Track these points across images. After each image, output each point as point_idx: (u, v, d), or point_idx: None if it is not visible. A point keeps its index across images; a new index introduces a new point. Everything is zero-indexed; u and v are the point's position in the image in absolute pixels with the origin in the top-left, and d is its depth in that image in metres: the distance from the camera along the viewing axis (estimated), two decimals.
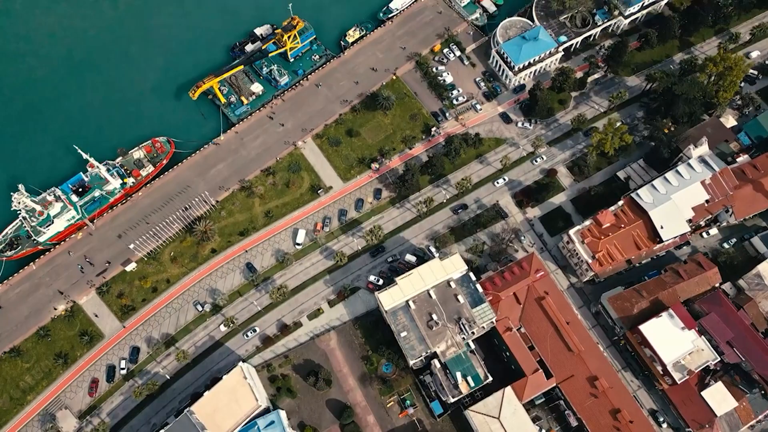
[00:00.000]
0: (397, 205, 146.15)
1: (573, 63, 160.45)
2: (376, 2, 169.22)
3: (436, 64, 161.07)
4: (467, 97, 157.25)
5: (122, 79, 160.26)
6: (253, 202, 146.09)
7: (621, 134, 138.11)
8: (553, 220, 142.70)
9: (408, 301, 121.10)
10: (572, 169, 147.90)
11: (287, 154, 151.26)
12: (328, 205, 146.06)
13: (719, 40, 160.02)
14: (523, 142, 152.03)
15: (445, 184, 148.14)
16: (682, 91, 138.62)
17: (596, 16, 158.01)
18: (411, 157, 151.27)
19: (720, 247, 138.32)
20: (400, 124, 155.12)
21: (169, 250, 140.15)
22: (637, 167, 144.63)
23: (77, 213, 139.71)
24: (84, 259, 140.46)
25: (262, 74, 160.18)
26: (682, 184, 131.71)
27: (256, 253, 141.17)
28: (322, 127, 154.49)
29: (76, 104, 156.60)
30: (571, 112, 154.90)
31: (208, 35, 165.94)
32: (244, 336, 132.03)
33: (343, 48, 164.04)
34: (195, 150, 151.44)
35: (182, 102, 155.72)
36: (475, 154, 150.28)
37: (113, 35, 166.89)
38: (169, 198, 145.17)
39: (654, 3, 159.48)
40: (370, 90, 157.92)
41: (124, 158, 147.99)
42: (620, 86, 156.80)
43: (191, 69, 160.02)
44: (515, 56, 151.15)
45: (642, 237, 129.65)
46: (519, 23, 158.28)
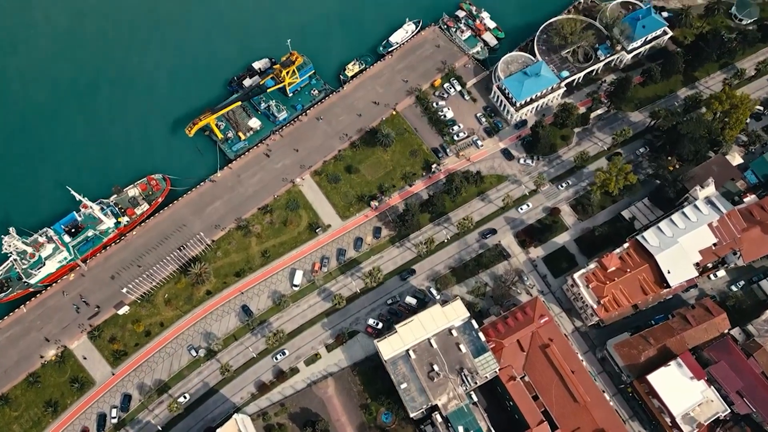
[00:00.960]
0: (396, 244, 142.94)
1: (575, 98, 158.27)
2: (376, 36, 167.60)
3: (437, 99, 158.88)
4: (468, 133, 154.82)
5: (118, 115, 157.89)
6: (250, 242, 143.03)
7: (625, 174, 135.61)
8: (556, 261, 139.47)
9: (408, 350, 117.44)
10: (576, 208, 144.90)
11: (285, 192, 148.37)
12: (326, 244, 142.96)
13: (724, 75, 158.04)
14: (525, 179, 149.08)
15: (446, 222, 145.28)
16: (688, 131, 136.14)
17: (598, 51, 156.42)
18: (411, 195, 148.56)
19: (728, 290, 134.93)
20: (400, 161, 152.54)
21: (163, 292, 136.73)
22: (642, 206, 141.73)
23: (69, 254, 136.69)
24: (79, 298, 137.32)
25: (260, 109, 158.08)
26: (689, 227, 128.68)
27: (252, 295, 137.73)
28: (321, 163, 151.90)
29: (70, 141, 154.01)
30: (574, 148, 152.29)
31: (205, 69, 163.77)
32: (273, 359, 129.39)
33: (343, 82, 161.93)
34: (191, 187, 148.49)
35: (179, 138, 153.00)
36: (477, 192, 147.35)
37: (107, 70, 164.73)
38: (164, 237, 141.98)
39: (657, 38, 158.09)
40: (370, 125, 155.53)
41: (118, 196, 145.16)
42: (624, 122, 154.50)
43: (188, 104, 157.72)
44: (517, 92, 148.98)
45: (648, 282, 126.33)
46: (520, 58, 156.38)
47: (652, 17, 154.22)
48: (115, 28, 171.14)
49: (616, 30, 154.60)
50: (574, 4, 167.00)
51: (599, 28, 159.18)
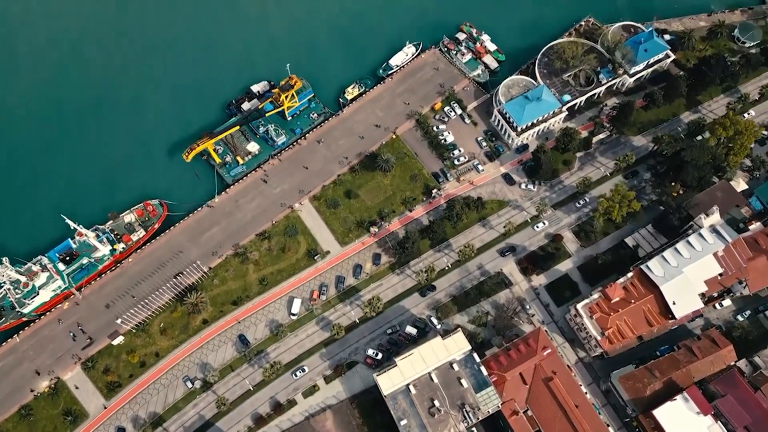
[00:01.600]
0: (396, 271, 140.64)
1: (577, 121, 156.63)
2: (376, 58, 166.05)
3: (437, 122, 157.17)
4: (468, 157, 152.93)
5: (114, 139, 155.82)
6: (247, 269, 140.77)
7: (629, 201, 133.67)
8: (559, 289, 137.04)
9: (408, 384, 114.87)
10: (578, 234, 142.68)
11: (283, 217, 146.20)
12: (325, 271, 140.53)
13: (728, 98, 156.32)
14: (527, 204, 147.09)
15: (447, 248, 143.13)
16: (692, 157, 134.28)
17: (600, 75, 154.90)
18: (411, 220, 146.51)
19: (734, 319, 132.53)
20: (400, 185, 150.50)
21: (158, 321, 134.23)
22: (645, 233, 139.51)
23: (64, 282, 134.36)
24: (77, 326, 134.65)
25: (259, 133, 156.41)
26: (694, 257, 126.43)
27: (249, 324, 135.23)
28: (320, 188, 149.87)
29: (65, 166, 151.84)
30: (576, 173, 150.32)
31: (203, 92, 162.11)
32: (292, 375, 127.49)
33: (342, 105, 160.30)
34: (188, 213, 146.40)
35: (176, 162, 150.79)
36: (478, 218, 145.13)
37: (103, 93, 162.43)
38: (161, 264, 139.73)
39: (659, 61, 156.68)
40: (370, 149, 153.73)
41: (114, 222, 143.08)
42: (626, 146, 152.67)
43: (185, 127, 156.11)
44: (518, 117, 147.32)
45: (653, 313, 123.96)
46: (521, 82, 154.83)
47: (654, 41, 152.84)
48: (111, 51, 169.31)
49: (618, 54, 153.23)
50: (575, 27, 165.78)
51: (601, 51, 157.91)
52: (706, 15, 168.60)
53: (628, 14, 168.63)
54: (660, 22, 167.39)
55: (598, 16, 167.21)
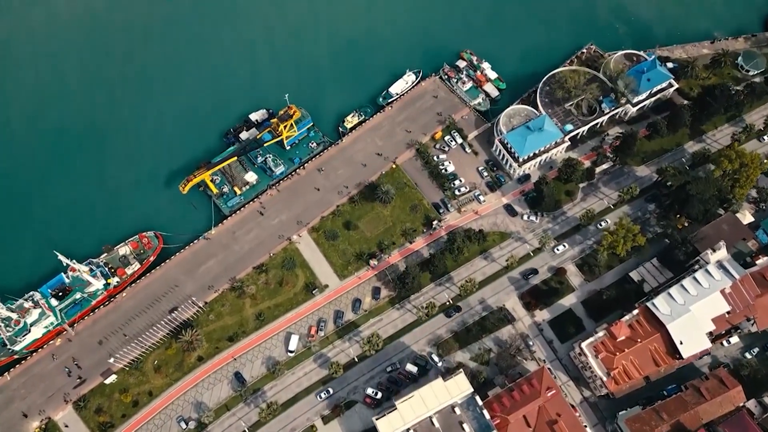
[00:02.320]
0: (396, 305, 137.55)
1: (580, 151, 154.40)
2: (375, 86, 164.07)
3: (437, 152, 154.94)
4: (470, 188, 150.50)
5: (108, 169, 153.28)
6: (244, 304, 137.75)
7: (633, 235, 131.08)
8: (563, 325, 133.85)
9: (409, 429, 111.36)
10: (582, 268, 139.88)
11: (281, 250, 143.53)
12: (323, 305, 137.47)
13: (732, 128, 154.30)
14: (530, 236, 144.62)
15: (448, 281, 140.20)
16: (697, 191, 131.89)
17: (603, 104, 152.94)
18: (411, 252, 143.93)
19: (742, 357, 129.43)
20: (400, 216, 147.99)
21: (152, 358, 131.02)
22: (651, 267, 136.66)
23: (56, 318, 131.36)
24: (72, 361, 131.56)
25: (257, 162, 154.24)
26: (701, 294, 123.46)
27: (246, 361, 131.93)
28: (319, 219, 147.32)
29: (58, 197, 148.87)
30: (579, 204, 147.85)
31: (201, 120, 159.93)
32: (317, 397, 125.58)
33: (342, 134, 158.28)
34: (184, 245, 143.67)
35: (172, 192, 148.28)
36: (479, 250, 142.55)
37: (97, 122, 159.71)
38: (155, 299, 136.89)
39: (662, 90, 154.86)
40: (369, 179, 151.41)
41: (109, 255, 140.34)
42: (629, 176, 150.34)
43: (182, 156, 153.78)
44: (520, 147, 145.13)
45: (660, 352, 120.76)
46: (523, 111, 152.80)
47: (657, 70, 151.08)
48: (106, 79, 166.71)
49: (621, 83, 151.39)
50: (577, 54, 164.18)
51: (603, 80, 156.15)
52: (708, 42, 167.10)
53: (630, 41, 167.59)
54: (662, 49, 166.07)
55: (599, 43, 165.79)
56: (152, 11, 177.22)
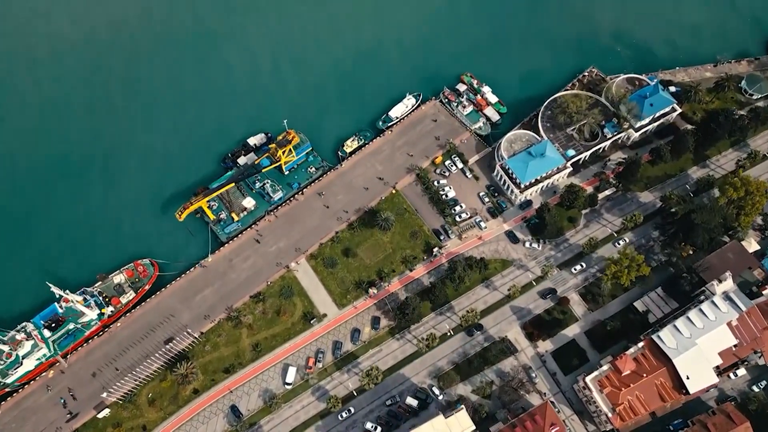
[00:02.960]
0: (396, 336, 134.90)
1: (582, 176, 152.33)
2: (375, 110, 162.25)
3: (438, 177, 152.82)
4: (471, 214, 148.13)
5: (104, 195, 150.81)
6: (241, 334, 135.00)
7: (638, 265, 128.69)
8: (566, 356, 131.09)
9: None
10: (585, 297, 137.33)
11: (279, 277, 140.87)
12: (321, 336, 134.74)
13: (736, 152, 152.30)
14: (532, 264, 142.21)
15: (449, 311, 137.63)
16: (702, 220, 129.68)
17: (605, 129, 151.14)
18: (411, 280, 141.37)
19: (749, 390, 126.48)
20: (400, 243, 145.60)
21: (147, 391, 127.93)
22: (655, 297, 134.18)
23: (49, 350, 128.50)
24: (67, 391, 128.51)
25: (255, 188, 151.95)
26: (708, 326, 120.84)
27: (242, 394, 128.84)
28: (317, 246, 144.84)
29: (52, 224, 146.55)
30: (582, 231, 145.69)
31: (198, 145, 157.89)
32: (338, 417, 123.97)
33: (341, 159, 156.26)
34: (180, 273, 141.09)
35: (168, 218, 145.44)
36: (481, 279, 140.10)
37: (92, 146, 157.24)
38: (151, 329, 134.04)
39: (665, 114, 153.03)
40: (369, 205, 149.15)
41: (103, 283, 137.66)
42: (633, 203, 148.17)
43: (179, 181, 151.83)
44: (521, 174, 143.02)
45: (666, 387, 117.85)
46: (524, 136, 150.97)
47: (659, 95, 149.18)
48: (101, 101, 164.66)
49: (623, 108, 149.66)
50: (579, 78, 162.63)
51: (605, 104, 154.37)
52: (711, 65, 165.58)
53: (631, 64, 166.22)
54: (665, 73, 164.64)
55: (601, 66, 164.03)
56: (150, 34, 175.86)
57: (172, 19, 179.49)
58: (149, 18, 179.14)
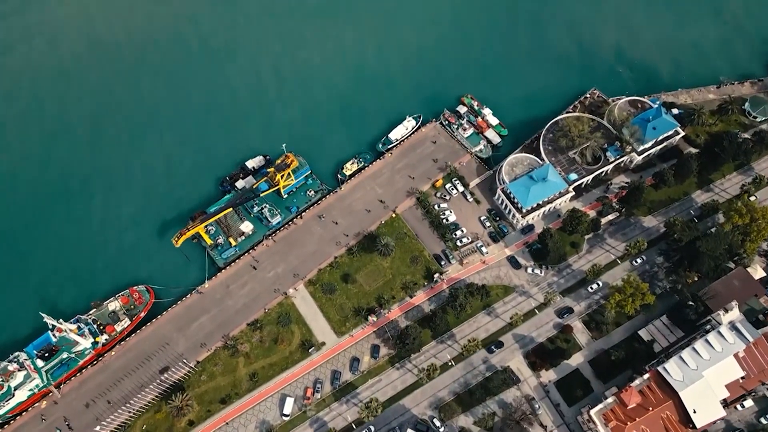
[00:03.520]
0: (396, 365, 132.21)
1: (584, 200, 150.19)
2: (375, 132, 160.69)
3: (438, 200, 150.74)
4: (472, 238, 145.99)
5: (99, 219, 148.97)
6: (237, 363, 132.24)
7: (642, 294, 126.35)
8: (570, 386, 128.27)
9: None
10: (589, 324, 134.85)
11: (277, 304, 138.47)
12: (319, 365, 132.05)
13: (741, 176, 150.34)
14: (534, 290, 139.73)
15: (450, 339, 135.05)
16: (707, 248, 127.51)
17: (607, 152, 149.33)
18: (412, 307, 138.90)
19: (757, 422, 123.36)
20: (400, 268, 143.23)
21: (141, 423, 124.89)
22: (660, 325, 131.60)
23: (42, 380, 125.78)
24: (63, 421, 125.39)
25: (252, 212, 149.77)
26: (714, 358, 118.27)
27: (239, 425, 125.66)
28: (316, 271, 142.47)
29: (45, 250, 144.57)
30: (585, 256, 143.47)
31: (196, 167, 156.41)
32: None
33: (340, 182, 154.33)
34: (177, 300, 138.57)
35: (165, 243, 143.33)
36: (482, 306, 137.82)
37: (86, 168, 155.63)
38: (146, 358, 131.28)
39: (669, 138, 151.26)
40: (368, 229, 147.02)
41: (98, 310, 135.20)
42: (636, 227, 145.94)
43: (176, 205, 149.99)
44: (523, 198, 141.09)
45: (672, 421, 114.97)
46: (525, 160, 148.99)
47: (662, 118, 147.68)
48: (93, 124, 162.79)
49: (626, 131, 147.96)
50: (580, 100, 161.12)
51: (607, 127, 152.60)
52: (714, 87, 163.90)
53: (633, 86, 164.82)
54: (667, 94, 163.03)
55: (603, 88, 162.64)
56: (148, 56, 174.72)
57: (172, 39, 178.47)
58: (149, 40, 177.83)
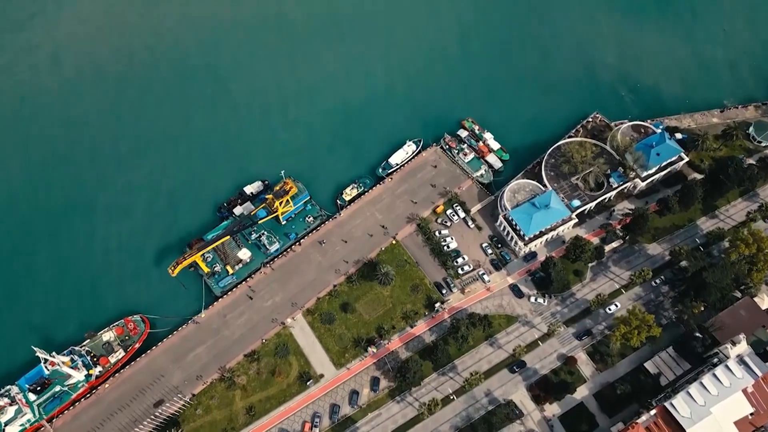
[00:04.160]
0: (397, 398, 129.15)
1: (588, 226, 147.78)
2: (375, 156, 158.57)
3: (439, 226, 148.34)
4: (473, 266, 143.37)
5: (94, 247, 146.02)
6: (234, 396, 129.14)
7: (648, 326, 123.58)
8: (575, 421, 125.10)
9: None
10: (593, 356, 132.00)
11: (274, 335, 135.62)
12: (318, 398, 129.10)
13: (746, 202, 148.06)
14: (537, 320, 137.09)
15: (452, 371, 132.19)
16: (714, 280, 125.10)
17: (611, 178, 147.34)
18: (413, 338, 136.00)
19: None
20: (401, 297, 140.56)
21: None
22: (667, 357, 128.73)
23: (34, 415, 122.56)
24: None
25: (250, 239, 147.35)
26: (722, 393, 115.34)
27: None
28: (315, 300, 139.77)
29: (39, 278, 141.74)
30: (589, 284, 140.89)
31: (193, 193, 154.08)
32: None
33: (340, 207, 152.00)
34: (172, 330, 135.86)
35: (161, 271, 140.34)
36: (484, 336, 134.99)
37: (82, 196, 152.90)
38: (140, 391, 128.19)
39: (673, 163, 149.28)
40: (368, 256, 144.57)
41: (92, 341, 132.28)
42: (640, 255, 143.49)
43: (172, 232, 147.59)
44: (525, 226, 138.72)
45: None
46: (528, 186, 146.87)
47: (666, 144, 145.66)
48: (88, 149, 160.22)
49: (629, 157, 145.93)
50: (582, 124, 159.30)
51: (610, 152, 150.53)
52: (718, 111, 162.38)
53: (636, 110, 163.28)
54: (670, 118, 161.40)
55: (605, 111, 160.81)
56: (145, 80, 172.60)
57: (171, 64, 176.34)
58: (149, 65, 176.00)
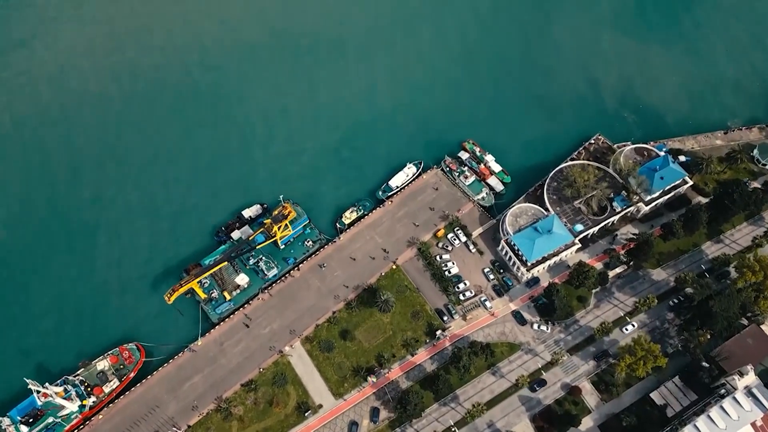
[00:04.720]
0: (397, 430, 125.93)
1: (591, 251, 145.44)
2: (375, 178, 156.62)
3: (440, 251, 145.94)
4: (475, 292, 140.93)
5: (88, 272, 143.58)
6: (230, 427, 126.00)
7: (654, 356, 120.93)
8: None
9: None
10: (598, 386, 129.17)
11: (272, 363, 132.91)
12: (316, 429, 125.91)
13: (751, 226, 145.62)
14: (540, 348, 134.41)
15: (453, 401, 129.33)
16: (720, 309, 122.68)
17: (614, 202, 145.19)
18: (413, 366, 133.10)
19: None
20: (401, 324, 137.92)
21: None
22: (673, 387, 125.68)
23: None
24: None
25: (248, 264, 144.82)
26: (730, 427, 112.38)
27: None
28: (313, 327, 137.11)
29: (34, 305, 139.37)
30: (592, 311, 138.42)
31: (190, 216, 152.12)
32: None
33: (339, 231, 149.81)
34: (168, 358, 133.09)
35: (157, 297, 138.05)
36: (487, 365, 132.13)
37: (76, 221, 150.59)
38: (134, 422, 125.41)
39: (676, 187, 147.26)
40: (368, 282, 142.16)
41: (86, 370, 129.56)
42: (645, 280, 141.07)
43: (169, 257, 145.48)
44: (528, 251, 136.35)
45: None
46: (530, 210, 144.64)
47: (670, 167, 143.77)
48: (81, 171, 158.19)
49: (633, 181, 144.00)
50: (585, 146, 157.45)
51: (613, 175, 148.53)
52: (722, 132, 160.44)
53: (639, 131, 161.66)
54: (673, 140, 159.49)
55: (607, 133, 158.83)
56: (143, 101, 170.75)
57: (172, 86, 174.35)
58: (149, 84, 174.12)
